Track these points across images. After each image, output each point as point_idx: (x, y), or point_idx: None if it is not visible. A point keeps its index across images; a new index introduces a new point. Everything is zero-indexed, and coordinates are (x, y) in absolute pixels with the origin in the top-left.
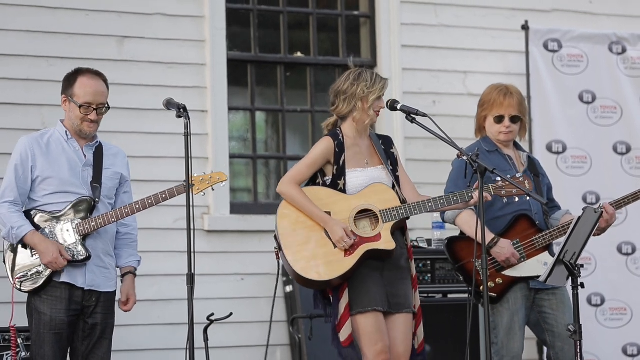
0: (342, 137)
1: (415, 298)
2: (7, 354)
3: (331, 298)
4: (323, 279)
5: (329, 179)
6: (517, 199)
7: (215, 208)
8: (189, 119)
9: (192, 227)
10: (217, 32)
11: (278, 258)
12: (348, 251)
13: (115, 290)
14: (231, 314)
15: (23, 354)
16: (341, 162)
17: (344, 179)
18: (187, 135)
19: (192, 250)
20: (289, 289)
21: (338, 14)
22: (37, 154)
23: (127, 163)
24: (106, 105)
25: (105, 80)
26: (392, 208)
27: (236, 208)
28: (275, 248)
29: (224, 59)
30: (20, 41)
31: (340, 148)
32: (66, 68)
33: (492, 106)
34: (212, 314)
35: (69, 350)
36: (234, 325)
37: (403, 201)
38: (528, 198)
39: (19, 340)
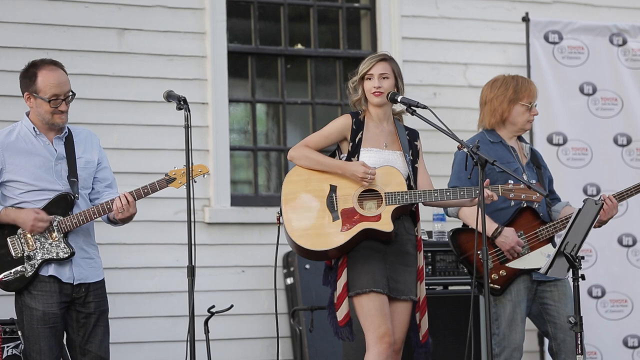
0: (364, 117)
1: (421, 289)
2: (7, 346)
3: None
4: (316, 249)
5: (344, 156)
6: (536, 205)
7: (215, 200)
8: (189, 111)
9: (192, 219)
10: (217, 24)
11: (279, 223)
12: (345, 226)
13: (104, 279)
14: (232, 306)
15: (23, 346)
16: (357, 140)
17: (357, 157)
18: (187, 127)
19: (193, 242)
20: (289, 281)
21: (339, 6)
22: (6, 155)
23: (98, 142)
24: (72, 93)
25: (63, 68)
26: (397, 192)
27: (237, 200)
28: (278, 212)
29: (224, 51)
30: (19, 33)
31: (358, 126)
32: (66, 60)
33: (524, 93)
34: (213, 306)
35: (65, 343)
36: (235, 318)
37: (410, 187)
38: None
39: (20, 333)
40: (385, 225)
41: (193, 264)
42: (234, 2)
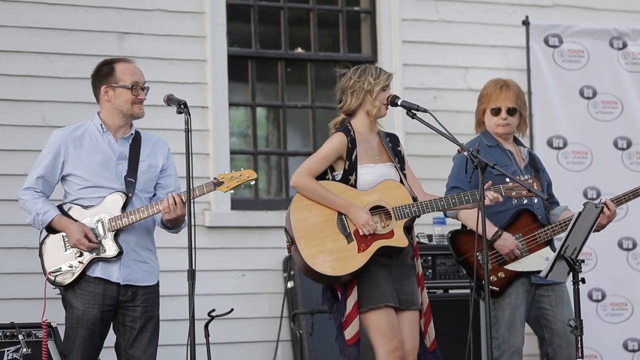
0: (354, 132)
1: (423, 296)
2: (8, 350)
3: (339, 294)
4: (336, 274)
5: (338, 174)
6: (535, 200)
7: (216, 204)
8: (189, 114)
9: (193, 223)
10: (217, 27)
11: (290, 252)
12: (361, 247)
13: (157, 283)
14: (232, 309)
15: (24, 350)
16: (353, 157)
17: (355, 175)
18: (187, 131)
19: (193, 246)
20: (290, 284)
21: (339, 10)
22: (70, 149)
23: (167, 150)
24: (148, 86)
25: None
26: (405, 205)
27: (237, 204)
28: (288, 242)
29: (224, 54)
30: (20, 37)
31: (352, 144)
32: (66, 64)
33: (489, 99)
34: (213, 310)
35: (115, 346)
36: (235, 321)
37: (414, 199)
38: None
39: (20, 337)
40: (400, 240)
41: (193, 267)
42: (234, 5)
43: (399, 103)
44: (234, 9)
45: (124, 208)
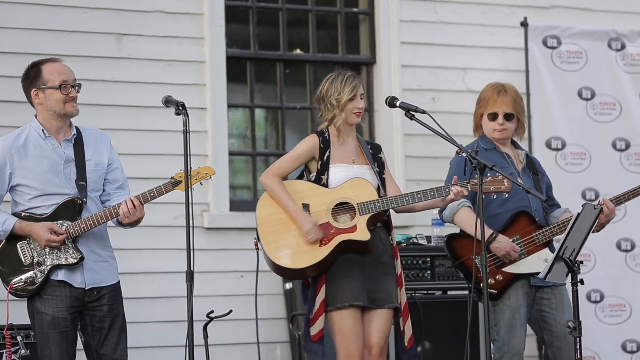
0: (329, 135)
1: (401, 295)
2: (5, 352)
3: (310, 292)
4: (297, 267)
5: (314, 175)
6: (506, 195)
7: (214, 205)
8: (187, 116)
9: (191, 224)
10: (216, 29)
11: (257, 248)
12: (323, 241)
13: (119, 281)
14: (231, 311)
15: (23, 351)
16: (325, 157)
17: (327, 174)
18: (186, 132)
19: (192, 247)
20: (288, 286)
21: (337, 11)
22: (15, 160)
23: (109, 143)
24: (79, 83)
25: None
26: (370, 201)
27: (236, 205)
28: (255, 238)
29: (223, 56)
30: (19, 39)
31: (325, 144)
32: None
33: (487, 104)
34: (212, 312)
35: (84, 348)
36: (234, 323)
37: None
38: (528, 195)
39: (19, 338)
40: (362, 234)
41: (192, 269)
42: (232, 7)
43: (397, 104)
44: (232, 10)
45: (79, 214)
